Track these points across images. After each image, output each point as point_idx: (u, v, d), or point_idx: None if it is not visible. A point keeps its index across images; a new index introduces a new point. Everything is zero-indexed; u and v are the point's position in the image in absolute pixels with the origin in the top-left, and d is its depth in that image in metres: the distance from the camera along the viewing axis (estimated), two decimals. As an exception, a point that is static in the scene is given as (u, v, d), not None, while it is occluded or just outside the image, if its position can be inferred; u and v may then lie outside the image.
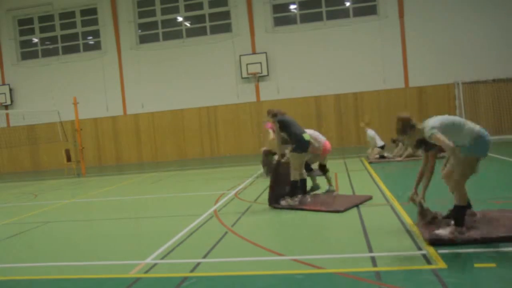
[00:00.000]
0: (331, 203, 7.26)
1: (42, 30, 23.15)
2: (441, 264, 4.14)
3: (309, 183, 8.13)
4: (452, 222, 4.91)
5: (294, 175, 7.42)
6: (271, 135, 9.92)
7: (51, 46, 23.15)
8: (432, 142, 4.72)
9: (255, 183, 10.93)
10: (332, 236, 5.64)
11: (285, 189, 7.61)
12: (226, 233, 6.09)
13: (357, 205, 7.08)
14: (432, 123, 4.71)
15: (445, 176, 5.21)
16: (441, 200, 6.08)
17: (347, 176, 10.79)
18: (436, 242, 4.68)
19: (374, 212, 6.79)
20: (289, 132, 7.42)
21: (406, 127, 4.91)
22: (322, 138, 8.20)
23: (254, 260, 4.82)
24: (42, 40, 23.23)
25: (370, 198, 7.54)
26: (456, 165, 4.82)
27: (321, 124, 20.16)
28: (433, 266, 4.13)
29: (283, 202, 7.45)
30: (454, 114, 18.83)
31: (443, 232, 4.80)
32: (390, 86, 19.54)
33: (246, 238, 5.72)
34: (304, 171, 7.68)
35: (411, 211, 6.11)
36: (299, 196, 7.53)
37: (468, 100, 18.48)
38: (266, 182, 10.84)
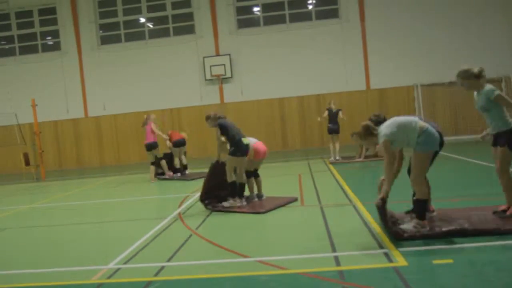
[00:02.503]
0: (258, 205, 7.55)
1: (-2, 29, 22.38)
2: (402, 262, 4.26)
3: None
4: (414, 216, 5.12)
5: (230, 177, 7.58)
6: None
7: (7, 46, 22.39)
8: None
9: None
10: (296, 237, 5.69)
11: (220, 191, 7.79)
12: (190, 236, 6.06)
13: (280, 207, 7.41)
14: (384, 131, 5.03)
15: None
16: (402, 200, 6.25)
17: (311, 177, 10.92)
18: (402, 237, 4.83)
19: (337, 212, 6.92)
20: (228, 135, 7.59)
21: (365, 134, 5.22)
22: (255, 143, 8.03)
23: (218, 263, 4.81)
24: (-2, 40, 22.45)
25: (295, 199, 7.91)
26: (413, 162, 5.09)
27: (285, 126, 20.36)
28: (394, 264, 4.24)
29: (226, 204, 7.59)
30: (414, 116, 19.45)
31: (407, 226, 5.00)
32: (352, 88, 19.91)
33: (211, 240, 5.71)
34: (243, 174, 7.79)
35: (373, 211, 6.24)
36: (241, 198, 7.70)
37: (427, 102, 19.07)
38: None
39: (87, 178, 15.87)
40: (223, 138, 7.70)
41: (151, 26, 21.64)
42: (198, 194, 9.50)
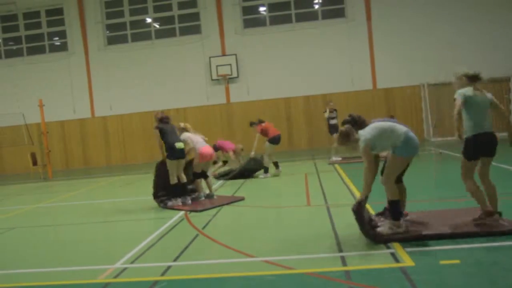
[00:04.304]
0: (200, 204, 8.07)
1: (5, 30, 22.50)
2: (409, 262, 4.24)
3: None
4: (388, 217, 5.13)
5: (171, 179, 8.21)
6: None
7: (14, 47, 22.54)
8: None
9: (225, 185, 10.92)
10: (302, 236, 5.68)
11: (165, 189, 8.46)
12: (197, 235, 6.07)
13: (222, 205, 7.92)
14: (364, 136, 5.03)
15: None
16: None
17: (317, 177, 10.90)
18: (381, 240, 4.84)
19: (343, 212, 6.89)
20: (164, 140, 8.17)
21: (346, 139, 5.23)
22: (201, 145, 8.49)
23: (225, 262, 4.81)
24: (5, 41, 22.59)
25: (242, 199, 8.38)
26: (389, 163, 5.10)
27: (291, 126, 20.34)
28: (401, 264, 4.23)
29: (170, 203, 8.22)
30: (421, 115, 19.38)
31: (383, 229, 4.99)
32: (359, 87, 19.85)
33: (217, 240, 5.72)
34: (182, 175, 8.36)
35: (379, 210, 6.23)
36: (177, 197, 8.28)
37: (434, 102, 18.96)
38: (237, 184, 10.86)
39: (93, 178, 15.93)
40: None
41: (157, 26, 21.70)
42: (206, 193, 9.55)
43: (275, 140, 11.67)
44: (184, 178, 8.40)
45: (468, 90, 5.11)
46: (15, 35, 22.42)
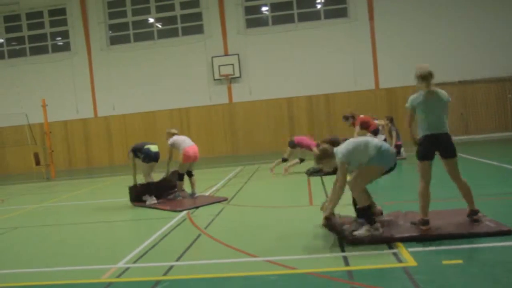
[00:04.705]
0: (180, 204, 8.33)
1: (8, 30, 22.57)
2: (411, 262, 4.24)
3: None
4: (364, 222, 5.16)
5: (145, 180, 8.91)
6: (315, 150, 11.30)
7: (17, 47, 22.60)
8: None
9: (228, 185, 10.93)
10: (305, 236, 5.68)
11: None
12: (199, 235, 6.07)
13: (203, 205, 8.06)
14: (341, 152, 5.15)
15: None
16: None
17: (320, 176, 10.88)
18: (357, 242, 4.89)
19: (346, 212, 6.88)
20: (139, 151, 8.91)
21: (323, 157, 5.34)
22: (186, 145, 8.73)
23: (227, 262, 4.82)
24: (8, 41, 22.65)
25: (225, 199, 8.51)
26: (361, 170, 5.12)
27: (293, 125, 20.34)
28: (403, 264, 4.22)
29: (147, 202, 8.69)
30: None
31: (360, 232, 5.04)
32: (361, 87, 19.84)
33: (220, 240, 5.72)
34: (151, 176, 9.00)
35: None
36: (151, 196, 8.81)
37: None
38: (239, 183, 10.87)
39: (96, 178, 15.97)
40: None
41: (160, 26, 21.72)
42: (207, 193, 9.55)
43: (376, 132, 11.55)
44: (151, 179, 8.99)
45: (418, 97, 5.22)
46: (18, 35, 22.49)
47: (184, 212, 7.69)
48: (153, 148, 8.83)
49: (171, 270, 4.69)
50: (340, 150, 5.19)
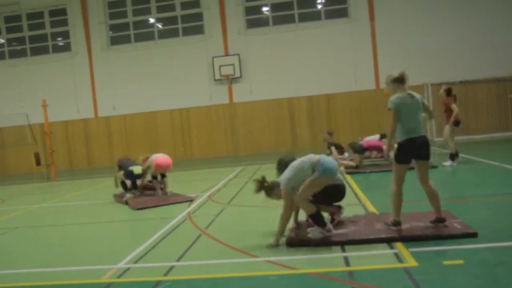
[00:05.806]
0: (141, 202, 8.89)
1: (9, 30, 22.59)
2: (412, 262, 4.23)
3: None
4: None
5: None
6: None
7: (18, 47, 22.61)
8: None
9: (228, 185, 10.92)
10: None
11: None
12: (200, 235, 6.07)
13: (169, 204, 8.58)
14: (283, 180, 5.23)
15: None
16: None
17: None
18: (312, 243, 5.03)
19: (347, 212, 6.87)
20: (123, 168, 9.64)
21: (270, 191, 5.45)
22: (156, 157, 9.52)
23: (228, 262, 4.81)
24: (9, 41, 22.66)
25: (192, 199, 8.86)
26: (307, 182, 5.13)
27: (294, 125, 20.33)
28: (404, 265, 4.21)
29: (124, 198, 9.39)
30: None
31: (313, 234, 5.17)
32: (361, 87, 19.83)
33: (220, 240, 5.72)
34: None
35: (382, 211, 6.22)
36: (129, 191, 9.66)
37: (437, 102, 18.88)
38: (240, 184, 10.86)
39: (97, 178, 15.96)
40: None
41: (160, 26, 21.73)
42: (208, 193, 9.55)
43: (457, 123, 10.35)
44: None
45: (398, 97, 5.18)
46: (18, 36, 22.51)
47: (185, 213, 7.69)
48: (136, 170, 9.43)
49: (172, 271, 4.68)
50: (283, 179, 5.26)
